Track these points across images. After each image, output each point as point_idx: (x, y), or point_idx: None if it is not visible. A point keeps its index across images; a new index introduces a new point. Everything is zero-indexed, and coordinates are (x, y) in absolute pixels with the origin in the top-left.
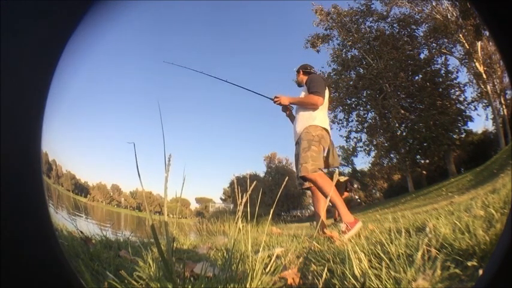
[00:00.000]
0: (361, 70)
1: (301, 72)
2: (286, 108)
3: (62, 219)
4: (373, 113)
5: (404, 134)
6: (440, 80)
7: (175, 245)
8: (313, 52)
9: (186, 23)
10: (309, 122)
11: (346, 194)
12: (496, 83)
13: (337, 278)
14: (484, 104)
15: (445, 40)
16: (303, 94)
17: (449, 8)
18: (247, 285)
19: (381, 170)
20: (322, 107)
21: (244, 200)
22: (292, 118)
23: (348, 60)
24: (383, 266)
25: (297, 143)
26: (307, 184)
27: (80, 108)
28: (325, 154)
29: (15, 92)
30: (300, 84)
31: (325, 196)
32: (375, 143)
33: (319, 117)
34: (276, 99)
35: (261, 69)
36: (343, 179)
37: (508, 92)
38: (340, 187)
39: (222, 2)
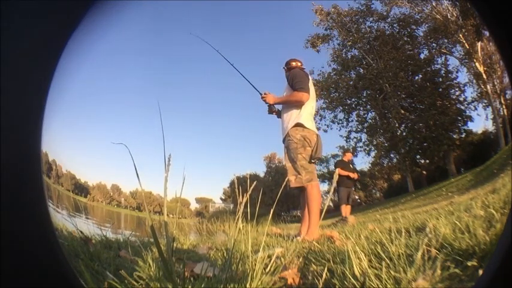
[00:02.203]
0: (361, 70)
1: (286, 69)
2: (271, 109)
3: (62, 219)
4: (373, 113)
5: (404, 134)
6: (440, 80)
7: (175, 245)
8: (313, 52)
9: (185, 22)
10: (292, 123)
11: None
12: (496, 83)
13: (337, 278)
14: (484, 104)
15: (445, 40)
16: (286, 92)
17: (449, 8)
18: (247, 285)
19: (380, 170)
20: (307, 102)
21: (244, 200)
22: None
23: (348, 60)
24: (383, 265)
25: (284, 145)
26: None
27: (80, 108)
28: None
29: (15, 92)
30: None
31: (308, 207)
32: (375, 143)
33: (303, 115)
34: (263, 96)
35: (261, 69)
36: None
37: (508, 92)
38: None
39: (222, 2)
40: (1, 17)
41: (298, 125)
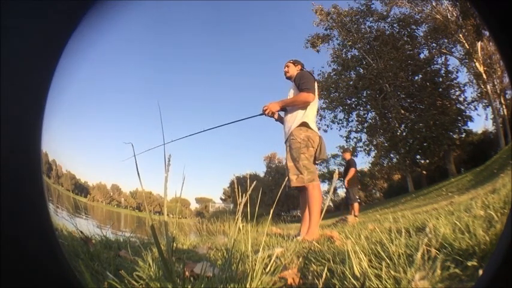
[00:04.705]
0: (361, 70)
1: (299, 66)
2: (277, 117)
3: (62, 219)
4: (373, 113)
5: (404, 134)
6: (440, 80)
7: (175, 245)
8: (313, 52)
9: (185, 22)
10: (295, 123)
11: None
12: (496, 83)
13: (337, 278)
14: (484, 104)
15: (445, 40)
16: (291, 92)
17: (449, 8)
18: (247, 285)
19: (381, 170)
20: (312, 104)
21: (244, 200)
22: (282, 119)
23: (348, 60)
24: (383, 265)
25: (286, 145)
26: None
27: (80, 108)
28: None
29: (15, 92)
30: (288, 76)
31: (309, 207)
32: (375, 143)
33: (308, 115)
34: (267, 111)
35: (260, 69)
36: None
37: (508, 92)
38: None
39: (222, 2)
40: (1, 17)
41: (304, 124)
